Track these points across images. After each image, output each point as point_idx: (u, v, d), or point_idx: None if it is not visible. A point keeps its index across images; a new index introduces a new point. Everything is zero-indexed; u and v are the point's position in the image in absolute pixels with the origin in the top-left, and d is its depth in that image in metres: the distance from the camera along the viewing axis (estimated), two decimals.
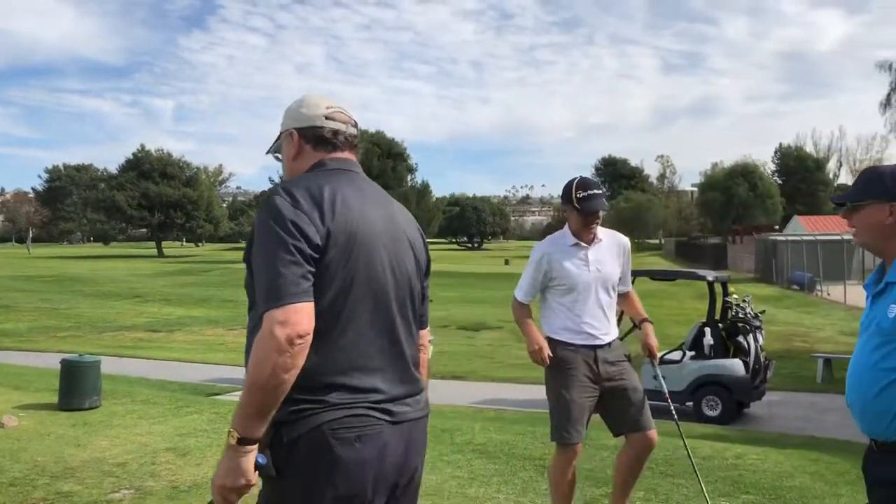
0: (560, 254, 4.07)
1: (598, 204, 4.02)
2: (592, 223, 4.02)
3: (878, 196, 2.57)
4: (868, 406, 2.54)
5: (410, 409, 2.04)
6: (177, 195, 72.24)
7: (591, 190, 4.01)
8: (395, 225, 2.12)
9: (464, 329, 20.16)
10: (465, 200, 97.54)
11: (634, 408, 4.12)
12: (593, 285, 4.05)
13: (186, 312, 25.27)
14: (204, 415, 7.39)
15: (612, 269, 4.11)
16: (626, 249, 4.25)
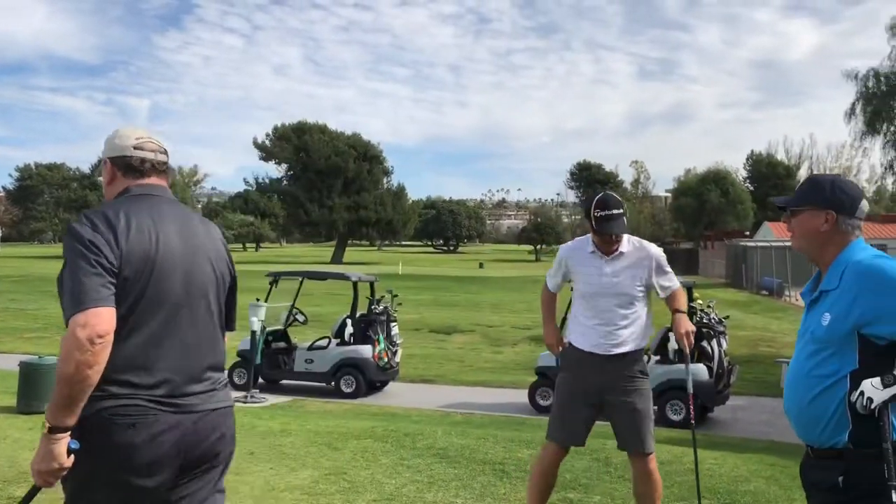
0: (578, 260, 4.18)
1: (613, 227, 3.99)
2: (609, 242, 4.04)
3: (816, 203, 2.63)
4: (803, 413, 2.60)
5: (201, 402, 2.33)
6: None
7: (609, 210, 3.98)
8: (191, 242, 2.42)
9: (435, 332, 20.17)
10: (442, 203, 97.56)
11: (629, 429, 4.12)
12: (606, 296, 4.06)
13: None
14: None
15: (629, 284, 4.06)
16: (654, 261, 4.13)
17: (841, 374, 2.47)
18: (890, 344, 2.40)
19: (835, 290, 2.54)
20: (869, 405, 2.36)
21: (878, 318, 2.38)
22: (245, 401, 10.56)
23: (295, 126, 66.52)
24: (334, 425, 7.16)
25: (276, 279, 12.83)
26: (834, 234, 2.60)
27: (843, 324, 2.46)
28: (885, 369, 2.38)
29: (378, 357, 11.71)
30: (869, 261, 2.48)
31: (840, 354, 2.49)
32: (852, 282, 2.47)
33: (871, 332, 2.41)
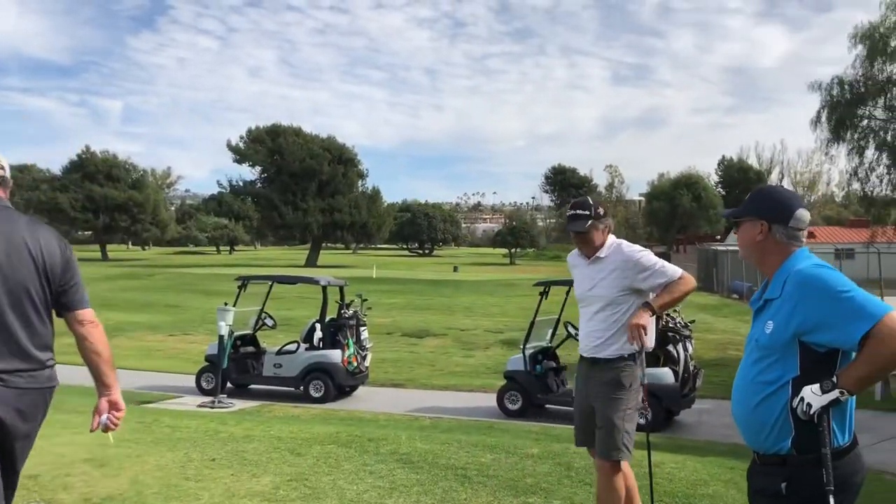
0: (573, 264, 4.45)
1: (573, 224, 4.22)
2: (578, 242, 4.27)
3: (753, 213, 2.70)
4: (748, 419, 2.65)
5: (22, 380, 2.83)
6: (122, 198, 70.69)
7: (574, 210, 4.25)
8: (12, 241, 2.84)
9: (408, 336, 20.15)
10: (417, 207, 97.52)
11: (598, 434, 4.16)
12: (589, 299, 4.26)
13: (127, 317, 24.73)
14: (128, 424, 7.23)
15: (609, 288, 4.15)
16: (630, 261, 4.15)
17: (783, 381, 2.53)
18: (829, 351, 2.46)
19: (777, 299, 2.60)
20: (808, 411, 2.41)
21: (817, 327, 2.43)
22: (213, 406, 10.49)
23: (269, 128, 66.14)
24: (298, 430, 7.14)
25: (244, 283, 12.76)
26: (770, 245, 2.66)
27: (785, 332, 2.51)
28: (824, 376, 2.43)
29: (347, 362, 11.69)
30: (808, 270, 2.53)
31: (782, 361, 2.54)
32: (792, 291, 2.53)
33: (811, 339, 2.46)
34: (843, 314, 2.36)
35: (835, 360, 2.45)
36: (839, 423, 2.48)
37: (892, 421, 10.26)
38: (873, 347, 2.32)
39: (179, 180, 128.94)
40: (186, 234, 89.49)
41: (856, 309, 2.35)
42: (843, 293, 2.40)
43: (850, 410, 2.54)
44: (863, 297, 2.37)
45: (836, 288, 2.41)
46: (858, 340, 2.33)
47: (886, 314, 2.31)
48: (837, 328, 2.37)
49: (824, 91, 14.33)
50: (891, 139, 13.76)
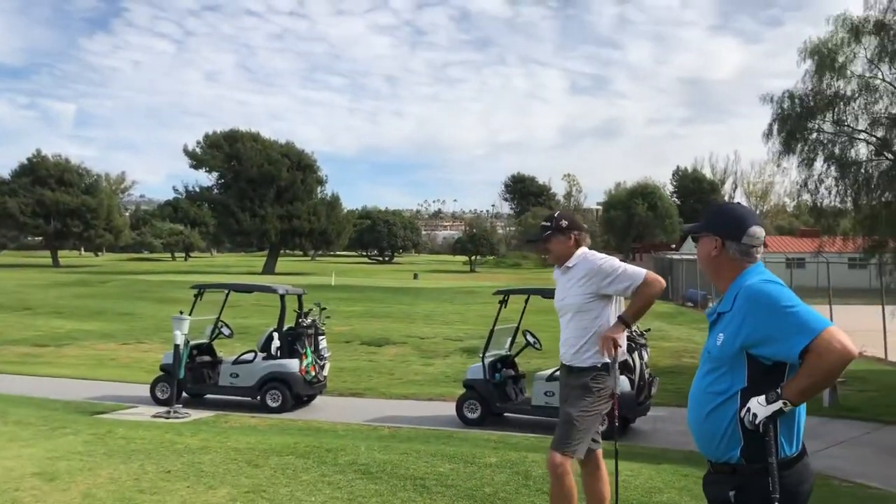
0: (555, 277, 4.67)
1: (533, 234, 4.66)
2: (543, 252, 4.65)
3: (710, 230, 2.79)
4: (700, 428, 2.73)
5: None
6: (75, 203, 69.18)
7: (542, 222, 4.59)
8: None
9: (367, 345, 20.06)
10: (377, 213, 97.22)
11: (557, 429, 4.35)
12: (563, 309, 4.46)
13: (78, 326, 24.23)
14: (80, 436, 7.12)
15: (577, 296, 4.36)
16: (594, 269, 4.36)
17: (732, 392, 2.61)
18: (775, 364, 2.54)
19: (728, 313, 2.69)
20: (754, 420, 2.50)
21: (763, 340, 2.52)
22: (167, 416, 10.33)
23: (227, 133, 65.44)
24: (256, 441, 7.07)
25: (200, 292, 12.60)
26: (724, 260, 2.76)
27: (733, 344, 2.60)
28: (771, 387, 2.51)
29: (305, 371, 11.61)
30: (757, 286, 2.62)
31: (731, 373, 2.63)
32: (741, 305, 2.62)
33: (757, 352, 2.55)
34: (786, 328, 2.45)
35: (782, 372, 2.54)
36: (786, 434, 2.57)
37: (838, 427, 10.54)
38: (812, 361, 2.40)
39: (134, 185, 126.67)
40: (141, 241, 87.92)
41: (798, 324, 2.44)
42: (787, 308, 2.49)
43: (799, 421, 2.63)
44: (805, 312, 2.46)
45: (781, 303, 2.51)
46: (799, 354, 2.42)
47: (825, 329, 2.40)
48: (780, 342, 2.46)
49: (776, 104, 14.68)
50: (838, 152, 14.16)
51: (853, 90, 13.89)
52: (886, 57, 13.67)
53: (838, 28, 14.07)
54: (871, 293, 19.67)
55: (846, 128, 14.19)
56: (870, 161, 14.50)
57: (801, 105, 14.24)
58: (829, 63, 13.70)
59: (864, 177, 14.36)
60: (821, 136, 14.35)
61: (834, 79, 13.84)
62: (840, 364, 2.40)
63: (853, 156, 14.36)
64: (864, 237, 14.94)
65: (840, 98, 13.91)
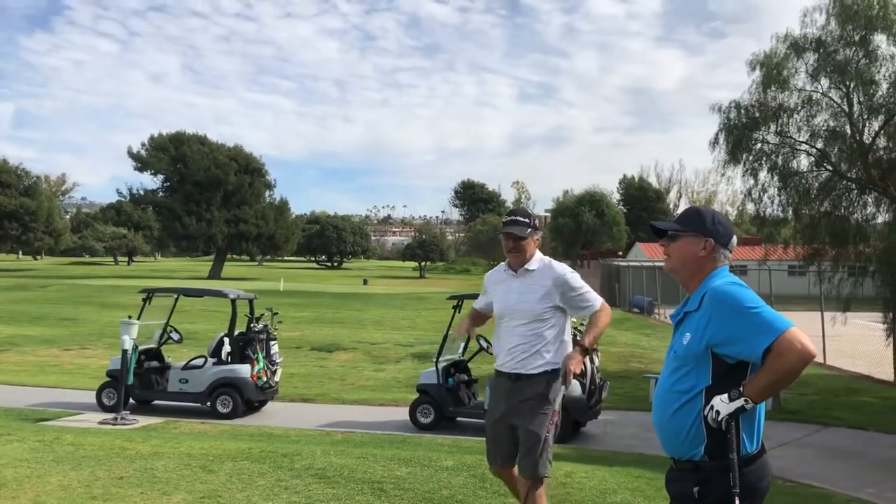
0: (495, 279, 4.45)
1: (514, 228, 4.23)
2: (511, 248, 4.25)
3: (698, 231, 2.87)
4: (665, 426, 2.81)
5: None
6: (13, 205, 67.01)
7: (514, 216, 4.34)
8: None
9: (317, 350, 19.90)
10: (326, 219, 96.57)
11: (521, 452, 4.13)
12: (513, 314, 4.23)
13: (18, 331, 23.49)
14: (26, 443, 6.93)
15: (534, 302, 4.17)
16: (560, 279, 4.22)
17: (697, 390, 2.69)
18: (738, 363, 2.64)
19: (695, 312, 2.78)
20: (717, 417, 2.59)
21: (727, 340, 2.61)
22: (115, 422, 10.11)
23: (173, 136, 64.27)
24: (209, 447, 6.97)
25: (149, 296, 12.37)
26: (707, 261, 2.84)
27: (699, 344, 2.69)
28: (734, 386, 2.60)
29: (257, 377, 11.48)
30: (724, 287, 2.71)
31: (696, 371, 2.72)
32: (708, 305, 2.71)
33: (722, 351, 2.64)
34: (749, 328, 2.54)
35: (744, 371, 2.63)
36: (748, 432, 2.66)
37: (781, 429, 10.84)
38: (774, 360, 2.50)
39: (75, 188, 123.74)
40: (82, 244, 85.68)
41: (761, 324, 2.53)
42: (750, 309, 2.59)
43: (759, 420, 2.73)
44: (768, 313, 2.56)
45: (745, 304, 2.60)
46: (762, 353, 2.51)
47: (787, 329, 2.51)
48: (744, 341, 2.55)
49: (723, 114, 15.06)
50: (781, 163, 14.59)
51: (796, 103, 14.35)
52: (824, 72, 14.17)
53: (780, 44, 14.53)
54: (810, 300, 20.28)
55: (789, 139, 14.64)
56: (810, 172, 14.98)
57: (748, 116, 14.64)
58: (774, 76, 14.13)
59: (805, 187, 14.83)
60: (765, 147, 14.77)
61: (778, 91, 14.27)
62: (800, 363, 2.50)
63: (795, 166, 14.82)
64: (805, 245, 15.41)
65: (784, 110, 14.35)
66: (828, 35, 14.11)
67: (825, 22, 14.10)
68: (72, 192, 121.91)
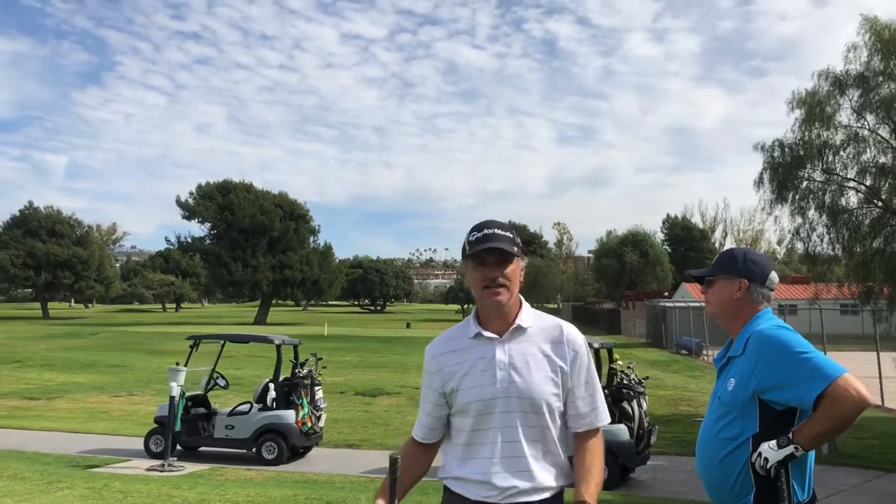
0: (455, 355, 2.54)
1: (493, 240, 2.44)
2: (491, 282, 2.43)
3: (730, 273, 2.83)
4: (711, 474, 2.74)
5: None
6: (66, 254, 69.11)
7: (488, 228, 2.48)
8: None
9: (361, 395, 19.90)
10: (369, 263, 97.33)
11: None
12: (502, 405, 2.43)
13: (70, 378, 23.97)
14: (76, 490, 7.02)
15: (537, 380, 2.44)
16: (572, 345, 2.51)
17: (744, 438, 2.62)
18: (787, 409, 2.56)
19: (740, 357, 2.71)
20: (765, 465, 2.51)
21: (775, 386, 2.55)
22: (162, 469, 10.19)
23: (220, 184, 65.75)
24: (255, 494, 6.98)
25: (196, 342, 12.54)
26: (746, 303, 2.79)
27: (745, 389, 2.62)
28: (782, 432, 2.53)
29: (301, 422, 11.50)
30: (770, 331, 2.65)
31: (742, 418, 2.65)
32: (753, 349, 2.65)
33: (769, 397, 2.57)
34: (800, 374, 2.47)
35: (793, 417, 2.55)
36: (798, 480, 2.58)
37: (839, 475, 10.47)
38: (827, 407, 2.42)
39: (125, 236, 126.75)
40: (132, 292, 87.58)
41: (812, 370, 2.46)
42: (800, 354, 2.52)
43: (810, 467, 2.64)
44: (819, 358, 2.50)
45: (795, 349, 2.54)
46: (814, 400, 2.43)
47: (840, 376, 2.43)
48: (794, 387, 2.48)
49: (766, 153, 14.91)
50: (829, 200, 14.35)
51: (841, 140, 14.17)
52: (869, 108, 13.99)
53: (823, 81, 14.42)
54: (864, 339, 19.73)
55: (836, 176, 14.41)
56: (860, 208, 14.69)
57: (792, 154, 14.48)
58: (817, 113, 14.00)
59: (855, 224, 14.53)
60: (811, 185, 14.56)
61: (822, 129, 14.12)
62: (855, 411, 2.42)
63: (844, 203, 14.56)
64: (858, 283, 15.05)
65: (829, 147, 14.17)
66: (870, 71, 13.96)
67: (867, 58, 13.98)
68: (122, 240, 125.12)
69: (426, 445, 2.67)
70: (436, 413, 2.60)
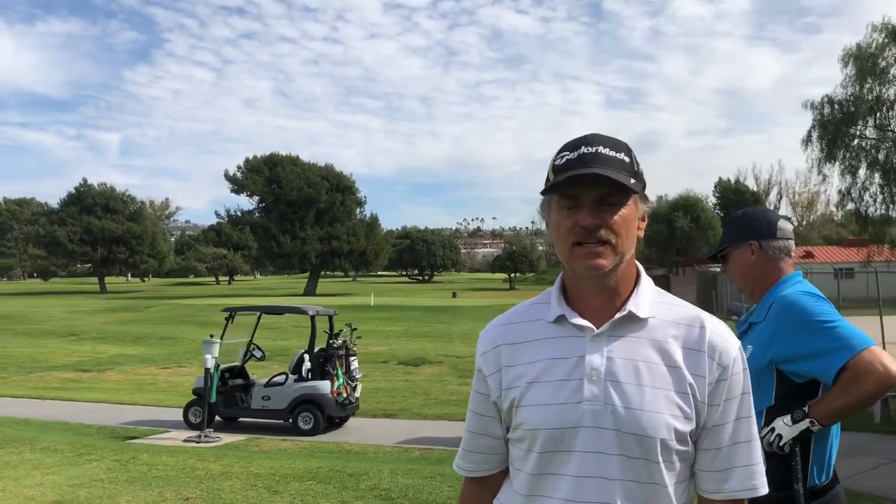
0: (522, 345, 1.56)
1: (596, 162, 1.48)
2: (591, 231, 1.45)
3: (737, 239, 2.60)
4: None
5: None
6: (120, 230, 70.80)
7: (586, 147, 1.52)
8: None
9: (403, 364, 19.92)
10: (416, 233, 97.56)
11: None
12: (588, 439, 1.47)
13: (121, 351, 24.56)
14: (104, 462, 7.07)
15: (651, 403, 1.44)
16: (719, 356, 1.49)
17: (757, 410, 2.39)
18: (808, 382, 2.33)
19: (761, 323, 2.50)
20: (778, 442, 2.29)
21: (795, 356, 2.32)
22: (198, 440, 10.28)
23: (267, 158, 66.39)
24: (279, 466, 6.95)
25: (232, 315, 12.61)
26: (765, 264, 2.56)
27: (762, 358, 2.40)
28: (800, 406, 2.30)
29: (337, 393, 11.49)
30: (793, 296, 2.41)
31: (758, 389, 2.40)
32: (775, 316, 2.43)
33: (788, 368, 2.35)
34: (822, 345, 2.25)
35: (814, 391, 2.32)
36: (818, 459, 2.34)
37: (891, 443, 10.04)
38: (849, 381, 2.19)
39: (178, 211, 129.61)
40: (185, 265, 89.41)
41: (836, 340, 2.23)
42: (825, 322, 2.29)
43: (832, 446, 2.41)
44: (845, 328, 2.26)
45: (818, 317, 2.30)
46: (835, 374, 2.21)
47: (866, 348, 2.20)
48: (815, 359, 2.26)
49: (815, 110, 14.30)
50: (883, 158, 13.71)
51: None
52: None
53: (877, 34, 13.68)
54: None
55: (890, 133, 13.73)
56: None
57: (842, 111, 13.85)
58: (870, 67, 13.32)
59: None
60: (863, 143, 13.93)
61: (876, 83, 13.44)
62: (880, 388, 2.18)
63: None
64: None
65: (882, 103, 13.49)
66: None
67: None
68: (175, 215, 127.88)
69: (482, 481, 1.64)
70: (488, 432, 1.58)
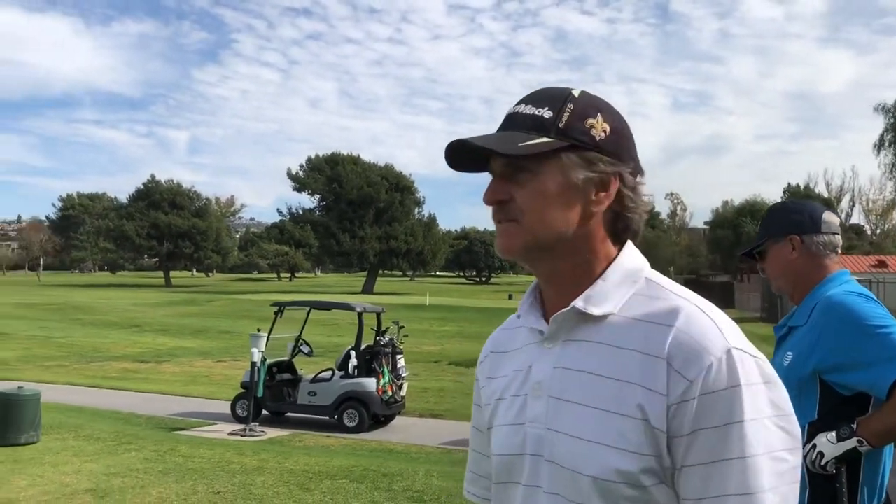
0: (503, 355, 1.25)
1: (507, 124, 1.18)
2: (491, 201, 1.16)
3: (776, 234, 2.34)
4: None
5: None
6: (186, 225, 72.54)
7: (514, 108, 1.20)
8: None
9: (455, 365, 19.77)
10: (475, 234, 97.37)
11: None
12: (528, 471, 1.08)
13: (179, 343, 25.04)
14: (142, 452, 7.09)
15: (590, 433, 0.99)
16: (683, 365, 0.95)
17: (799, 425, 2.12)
18: (857, 395, 2.05)
19: (802, 327, 2.23)
20: (820, 461, 2.02)
21: (843, 365, 2.06)
22: (243, 434, 10.29)
23: (328, 157, 67.13)
24: (313, 463, 6.85)
25: (281, 309, 12.63)
26: (807, 261, 2.28)
27: (804, 366, 2.14)
28: (846, 422, 2.03)
29: (382, 391, 11.39)
30: (840, 297, 2.14)
31: (798, 401, 2.13)
32: (818, 319, 2.16)
33: (834, 379, 2.08)
34: (874, 353, 1.97)
35: (864, 406, 2.05)
36: (869, 480, 2.07)
37: None
38: None
39: (244, 208, 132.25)
40: (249, 262, 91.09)
41: (890, 348, 1.95)
42: (877, 328, 2.01)
43: (885, 467, 2.12)
44: None
45: (870, 322, 2.02)
46: (889, 386, 1.93)
47: None
48: (866, 369, 1.99)
49: (888, 114, 13.57)
50: None
51: None
52: None
53: None
54: None
55: None
56: None
57: None
58: None
59: None
60: None
61: None
62: None
63: None
64: None
65: None
66: None
67: None
68: (240, 212, 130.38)
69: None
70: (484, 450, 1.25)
